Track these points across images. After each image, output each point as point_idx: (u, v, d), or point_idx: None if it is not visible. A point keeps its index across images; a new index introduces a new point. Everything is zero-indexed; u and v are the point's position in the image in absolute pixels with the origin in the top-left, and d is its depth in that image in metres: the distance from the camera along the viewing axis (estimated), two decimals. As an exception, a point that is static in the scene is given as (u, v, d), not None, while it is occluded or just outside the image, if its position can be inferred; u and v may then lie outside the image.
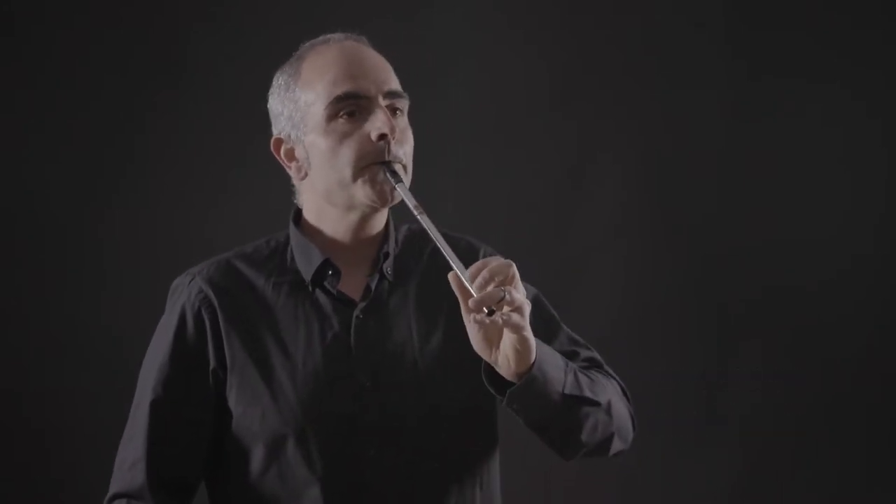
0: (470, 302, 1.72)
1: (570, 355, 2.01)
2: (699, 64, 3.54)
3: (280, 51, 2.06)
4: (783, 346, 3.54)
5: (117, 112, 3.31)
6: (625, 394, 2.03)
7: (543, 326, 2.02)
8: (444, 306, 1.94)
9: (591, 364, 2.04)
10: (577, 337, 2.07)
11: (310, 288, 1.95)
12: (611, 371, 2.04)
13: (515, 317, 1.73)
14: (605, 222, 3.52)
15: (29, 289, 3.29)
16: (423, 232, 1.87)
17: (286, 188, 2.06)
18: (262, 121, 2.05)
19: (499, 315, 1.72)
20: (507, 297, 1.72)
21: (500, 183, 3.49)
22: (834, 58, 3.53)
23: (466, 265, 1.84)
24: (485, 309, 1.71)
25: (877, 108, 3.54)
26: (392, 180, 1.88)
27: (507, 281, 1.73)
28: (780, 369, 3.53)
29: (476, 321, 1.74)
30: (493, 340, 1.78)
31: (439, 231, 1.86)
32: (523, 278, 2.10)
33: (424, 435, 1.91)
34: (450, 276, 1.76)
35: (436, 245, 1.87)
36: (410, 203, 1.86)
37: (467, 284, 1.73)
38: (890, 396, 3.54)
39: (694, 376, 3.52)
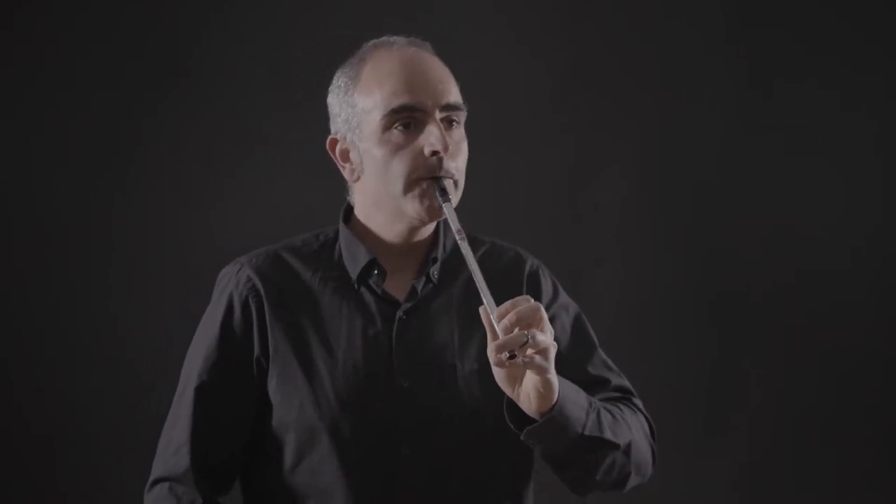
0: (493, 344, 1.74)
1: (600, 382, 2.03)
2: (700, 66, 3.54)
3: (281, 52, 2.06)
4: (786, 347, 3.54)
5: (121, 113, 3.30)
6: (650, 428, 2.04)
7: (579, 348, 2.03)
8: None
9: (622, 393, 2.05)
10: (612, 363, 2.08)
11: (355, 286, 1.97)
12: (639, 404, 2.06)
13: (539, 359, 1.74)
14: (606, 225, 3.52)
15: (33, 291, 3.29)
16: (472, 238, 1.90)
17: (294, 188, 2.06)
18: (271, 122, 2.05)
19: (521, 357, 1.73)
20: (531, 340, 1.73)
21: (500, 187, 3.49)
22: (835, 59, 3.53)
23: (513, 277, 1.93)
24: (506, 352, 1.73)
25: (876, 108, 3.54)
26: (440, 199, 1.89)
27: (533, 324, 1.74)
28: (783, 370, 3.54)
29: (495, 363, 1.75)
30: (516, 378, 1.80)
31: (491, 241, 1.90)
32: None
33: (459, 438, 1.93)
34: (480, 310, 1.77)
35: (482, 253, 1.94)
36: (454, 226, 1.87)
37: (494, 324, 1.75)
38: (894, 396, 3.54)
39: (696, 378, 3.52)
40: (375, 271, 1.97)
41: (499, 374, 1.80)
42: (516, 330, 1.73)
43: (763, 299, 3.54)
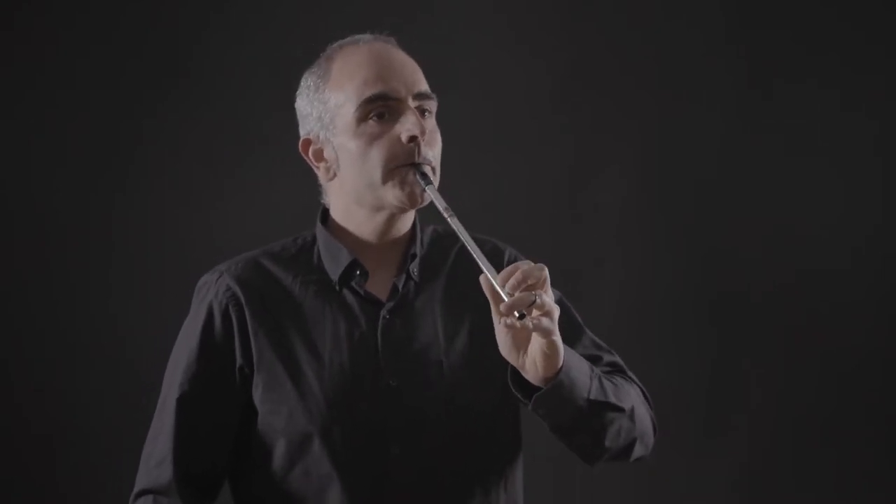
0: (501, 306, 1.73)
1: (592, 359, 2.02)
2: (700, 66, 3.54)
3: (281, 52, 2.06)
4: (786, 347, 3.54)
5: (121, 113, 3.31)
6: (646, 399, 2.04)
7: (567, 329, 2.00)
8: (469, 307, 1.95)
9: (614, 369, 2.05)
10: (600, 341, 2.08)
11: (337, 287, 1.96)
12: (633, 376, 2.05)
13: (546, 321, 1.74)
14: (606, 225, 3.52)
15: (33, 291, 3.29)
16: (449, 233, 1.89)
17: (296, 188, 2.05)
18: (271, 122, 2.05)
19: (529, 319, 1.72)
20: (539, 300, 1.72)
21: (500, 187, 3.49)
22: (835, 59, 3.53)
23: (493, 266, 1.85)
24: (515, 313, 1.72)
25: (876, 108, 3.54)
26: (422, 182, 1.89)
27: (538, 284, 1.74)
28: (783, 370, 3.53)
29: (507, 325, 1.74)
30: (521, 344, 1.79)
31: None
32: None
33: (449, 435, 1.92)
34: (481, 278, 1.77)
35: (462, 247, 1.90)
36: (440, 205, 1.86)
37: (498, 288, 1.74)
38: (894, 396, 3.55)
39: (696, 378, 3.52)
40: (357, 272, 1.96)
41: (504, 341, 1.79)
42: (522, 288, 1.72)
43: (763, 299, 3.54)
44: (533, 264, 1.75)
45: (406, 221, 1.99)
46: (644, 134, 3.53)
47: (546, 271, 1.75)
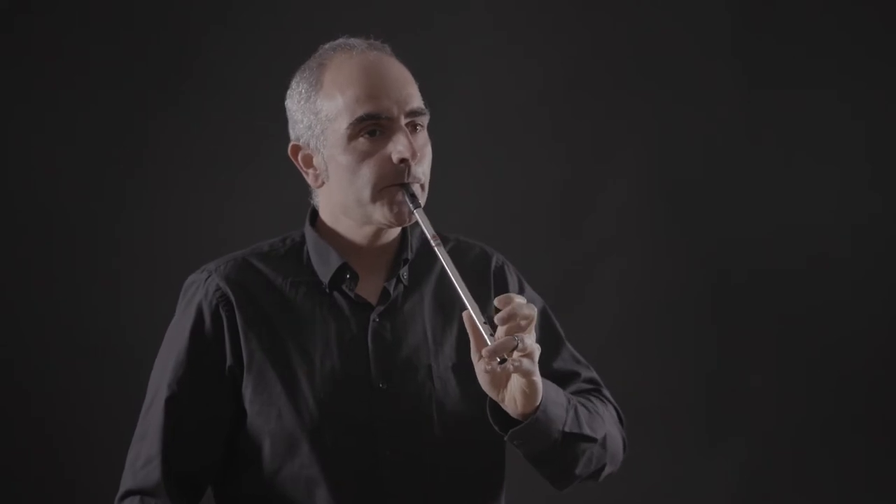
0: (484, 350, 1.74)
1: (570, 375, 2.05)
2: (701, 69, 3.56)
3: (289, 52, 2.08)
4: (786, 348, 3.55)
5: (127, 111, 3.31)
6: (619, 418, 2.07)
7: (547, 342, 2.03)
8: (458, 312, 1.95)
9: (591, 385, 2.07)
10: (579, 356, 2.10)
11: (327, 290, 1.96)
12: (608, 395, 2.07)
13: (526, 362, 1.75)
14: (606, 225, 3.53)
15: (40, 289, 3.30)
16: (439, 236, 1.89)
17: (298, 188, 2.07)
18: (274, 121, 2.06)
19: (510, 362, 1.74)
20: (520, 344, 1.73)
21: (500, 187, 3.50)
22: (833, 66, 3.55)
23: (479, 273, 1.92)
24: (497, 358, 1.73)
25: (873, 112, 3.56)
26: (411, 205, 1.89)
27: (524, 326, 1.75)
28: (783, 371, 3.55)
29: (487, 371, 1.76)
30: (500, 383, 1.81)
31: (455, 238, 1.91)
32: (533, 278, 2.11)
33: (438, 437, 1.93)
34: (464, 315, 1.77)
35: (450, 250, 1.91)
36: (428, 232, 1.87)
37: (481, 328, 1.75)
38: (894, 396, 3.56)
39: (696, 378, 3.54)
40: (347, 275, 1.96)
41: (484, 378, 1.80)
42: (500, 331, 1.73)
43: (764, 300, 3.55)
44: (523, 300, 1.76)
45: (395, 228, 1.98)
46: (644, 134, 3.54)
47: (535, 310, 1.76)
